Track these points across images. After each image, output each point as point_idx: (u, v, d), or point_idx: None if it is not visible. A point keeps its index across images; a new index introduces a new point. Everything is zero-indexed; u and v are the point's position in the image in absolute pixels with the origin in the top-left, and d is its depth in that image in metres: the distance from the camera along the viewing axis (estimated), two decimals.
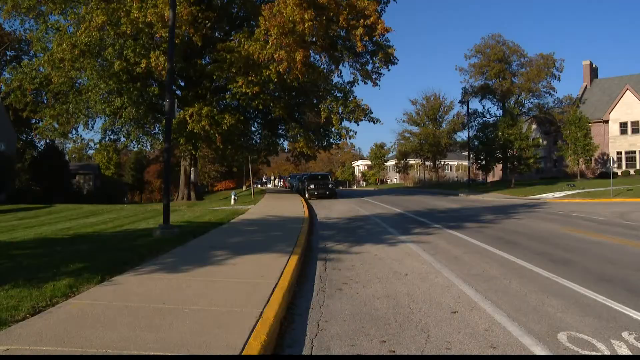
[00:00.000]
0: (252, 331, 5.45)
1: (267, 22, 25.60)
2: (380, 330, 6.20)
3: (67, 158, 68.51)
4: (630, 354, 5.38)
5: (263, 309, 6.35)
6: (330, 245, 13.67)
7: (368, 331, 6.15)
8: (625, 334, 6.01)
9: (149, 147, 40.21)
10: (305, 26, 24.91)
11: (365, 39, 29.07)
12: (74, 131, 36.85)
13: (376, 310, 7.11)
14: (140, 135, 34.41)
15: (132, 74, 29.23)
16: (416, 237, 15.47)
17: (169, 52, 15.92)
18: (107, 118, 32.74)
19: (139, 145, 37.31)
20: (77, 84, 32.37)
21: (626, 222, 20.55)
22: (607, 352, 5.44)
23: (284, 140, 44.76)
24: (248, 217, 20.96)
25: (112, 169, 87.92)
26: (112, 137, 36.21)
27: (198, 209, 27.44)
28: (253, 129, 41.10)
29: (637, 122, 62.76)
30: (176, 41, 24.77)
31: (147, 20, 25.67)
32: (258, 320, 5.87)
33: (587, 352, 5.44)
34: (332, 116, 32.08)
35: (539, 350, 5.48)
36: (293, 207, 26.97)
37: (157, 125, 34.06)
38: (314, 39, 28.19)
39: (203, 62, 33.02)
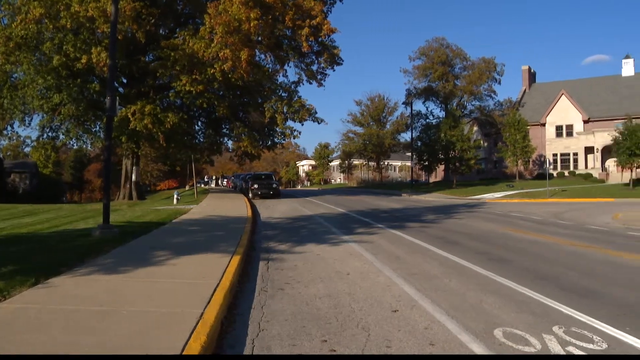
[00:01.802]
0: (192, 332, 5.38)
1: (212, 20, 25.35)
2: (322, 329, 6.22)
3: (1, 156, 66.18)
4: (560, 347, 5.58)
5: (204, 310, 6.28)
6: (273, 245, 13.66)
7: (309, 331, 6.17)
8: (555, 328, 6.25)
9: (89, 145, 39.37)
10: (251, 25, 24.78)
11: (311, 39, 29.15)
12: (9, 128, 35.69)
13: (318, 309, 7.14)
14: (81, 132, 33.55)
15: (72, 70, 28.49)
16: (359, 236, 15.60)
17: (111, 48, 15.61)
18: (45, 115, 31.83)
19: (79, 143, 36.48)
20: (12, 79, 31.32)
21: (560, 221, 21.30)
22: (539, 346, 5.63)
23: (228, 140, 44.55)
24: (191, 217, 20.73)
25: (51, 167, 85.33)
26: (50, 134, 35.20)
27: (139, 208, 26.95)
28: (197, 127, 40.64)
29: (572, 125, 65.06)
30: (119, 37, 24.29)
31: (89, 14, 25.06)
32: (199, 321, 5.80)
33: (520, 347, 5.60)
34: (277, 116, 32.05)
35: (475, 347, 5.61)
36: (236, 207, 26.81)
37: (98, 123, 33.29)
38: (259, 38, 28.06)
39: (146, 60, 32.49)
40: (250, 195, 38.29)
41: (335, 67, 34.33)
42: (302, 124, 34.15)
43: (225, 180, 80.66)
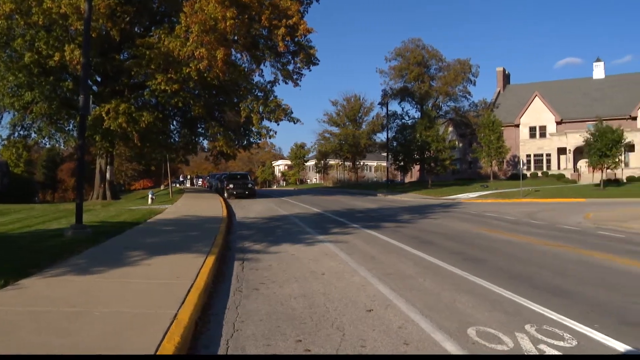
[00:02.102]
0: (165, 333, 5.34)
1: (188, 19, 25.16)
2: (296, 329, 6.22)
3: None
4: (532, 344, 5.65)
5: (178, 310, 6.24)
6: (248, 245, 13.62)
7: (284, 331, 6.17)
8: (527, 327, 6.33)
9: (62, 144, 38.84)
10: (227, 24, 24.65)
11: (287, 39, 29.12)
12: None
13: (293, 309, 7.14)
14: (53, 131, 33.15)
15: (44, 67, 28.11)
16: (334, 236, 15.63)
17: (85, 46, 15.44)
18: (16, 113, 31.35)
19: (51, 142, 35.95)
20: None
21: (534, 221, 21.57)
22: (511, 344, 5.69)
23: (203, 139, 44.26)
24: (165, 217, 20.58)
25: (22, 166, 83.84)
26: (22, 132, 34.74)
27: (113, 208, 26.68)
28: (172, 127, 40.31)
29: (545, 127, 65.98)
30: (92, 35, 23.97)
31: (61, 11, 24.74)
32: (172, 321, 5.76)
33: (493, 345, 5.66)
34: (253, 115, 31.96)
35: (449, 345, 5.65)
36: (211, 206, 26.68)
37: (72, 122, 32.90)
38: (235, 38, 27.94)
39: (121, 58, 32.17)
40: (225, 195, 38.14)
41: (312, 67, 34.36)
42: (278, 124, 34.18)
43: (201, 180, 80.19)
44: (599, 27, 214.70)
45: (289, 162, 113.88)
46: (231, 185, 39.07)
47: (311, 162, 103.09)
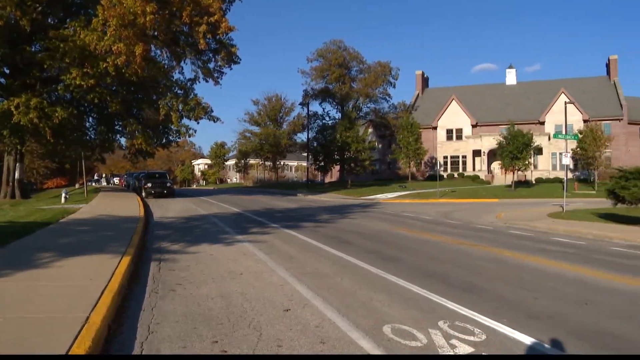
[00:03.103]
0: (75, 338, 5.15)
1: (106, 12, 24.34)
2: (213, 330, 6.16)
3: None
4: (444, 340, 5.82)
5: (90, 314, 6.03)
6: (165, 245, 13.38)
7: (200, 332, 6.09)
8: (441, 323, 6.52)
9: None
10: (147, 19, 24.05)
11: (208, 36, 28.71)
12: None
13: (210, 310, 7.06)
14: None
15: None
16: (253, 236, 15.58)
17: None
18: None
19: None
20: None
21: (449, 221, 22.25)
22: (425, 341, 5.84)
23: (121, 137, 43.07)
24: (79, 217, 19.89)
25: None
26: None
27: (23, 208, 25.53)
28: (88, 123, 39.00)
29: (461, 129, 68.22)
30: None
31: None
32: (84, 325, 5.56)
33: (408, 342, 5.79)
34: (172, 113, 31.34)
35: (365, 343, 5.73)
36: (128, 206, 26.02)
37: None
38: (155, 33, 27.32)
39: (32, 50, 30.79)
40: (143, 194, 37.37)
41: (233, 65, 34.01)
42: (198, 122, 33.61)
43: (118, 178, 78.04)
44: (513, 36, 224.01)
45: (209, 161, 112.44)
46: (149, 184, 38.31)
47: (231, 162, 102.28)
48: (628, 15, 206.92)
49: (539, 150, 60.22)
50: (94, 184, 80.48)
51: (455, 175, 65.46)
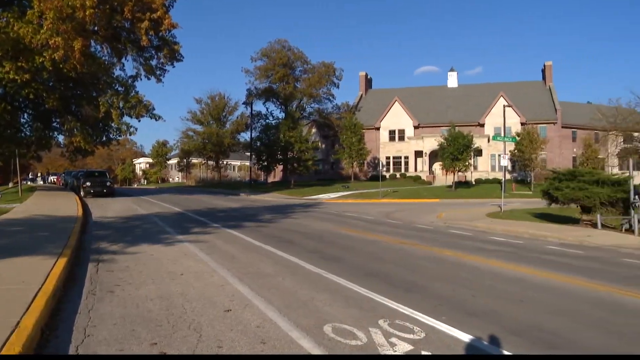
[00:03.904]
0: (4, 344, 4.94)
1: (42, 4, 23.54)
2: (152, 332, 6.05)
3: None
4: (384, 338, 5.88)
5: (21, 318, 5.79)
6: (104, 246, 13.06)
7: (139, 334, 5.97)
8: (381, 322, 6.59)
9: None
10: (87, 13, 23.39)
11: (150, 33, 28.19)
12: None
13: (149, 312, 6.93)
14: None
15: None
16: (194, 236, 15.41)
17: None
18: None
19: None
20: None
21: (391, 221, 22.53)
22: (365, 339, 5.88)
23: (58, 134, 41.78)
24: (13, 217, 19.25)
25: None
26: None
27: None
28: (23, 120, 37.69)
29: (403, 130, 69.17)
30: None
31: None
32: (14, 330, 5.34)
33: (348, 341, 5.82)
34: (112, 111, 30.62)
35: (305, 343, 5.74)
36: (66, 205, 25.32)
37: None
38: (95, 28, 26.61)
39: None
40: (82, 193, 36.42)
41: (176, 63, 33.46)
42: (140, 121, 32.98)
43: (55, 177, 75.82)
44: (455, 39, 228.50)
45: (150, 160, 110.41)
46: (88, 183, 37.39)
47: (174, 161, 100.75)
48: (563, 23, 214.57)
49: (478, 152, 61.67)
50: (29, 182, 77.97)
51: (398, 175, 66.31)
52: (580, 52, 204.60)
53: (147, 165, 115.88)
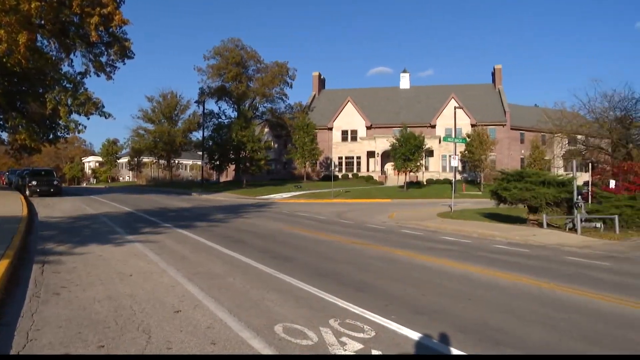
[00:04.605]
0: None
1: None
2: (99, 334, 5.93)
3: None
4: (335, 338, 5.91)
5: None
6: (50, 247, 12.72)
7: (86, 337, 5.84)
8: (332, 321, 6.62)
9: None
10: (32, 6, 22.81)
11: (100, 28, 27.75)
12: None
13: (96, 314, 6.79)
14: None
15: None
16: (144, 236, 15.18)
17: None
18: None
19: None
20: None
21: (343, 220, 22.64)
22: (316, 339, 5.91)
23: (2, 131, 40.59)
24: None
25: None
26: None
27: None
28: None
29: (356, 131, 69.60)
30: None
31: None
32: None
33: (299, 341, 5.83)
34: (60, 108, 29.94)
35: (256, 343, 5.73)
36: (9, 205, 24.56)
37: None
38: (42, 22, 26.00)
39: None
40: (27, 192, 35.38)
41: (127, 60, 33.16)
42: (89, 118, 32.37)
43: None
44: (407, 41, 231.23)
45: (100, 159, 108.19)
46: (34, 182, 36.35)
47: (124, 160, 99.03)
48: (512, 28, 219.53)
49: (430, 153, 62.59)
50: None
51: (350, 175, 66.68)
52: (528, 56, 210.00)
53: (97, 164, 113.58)
